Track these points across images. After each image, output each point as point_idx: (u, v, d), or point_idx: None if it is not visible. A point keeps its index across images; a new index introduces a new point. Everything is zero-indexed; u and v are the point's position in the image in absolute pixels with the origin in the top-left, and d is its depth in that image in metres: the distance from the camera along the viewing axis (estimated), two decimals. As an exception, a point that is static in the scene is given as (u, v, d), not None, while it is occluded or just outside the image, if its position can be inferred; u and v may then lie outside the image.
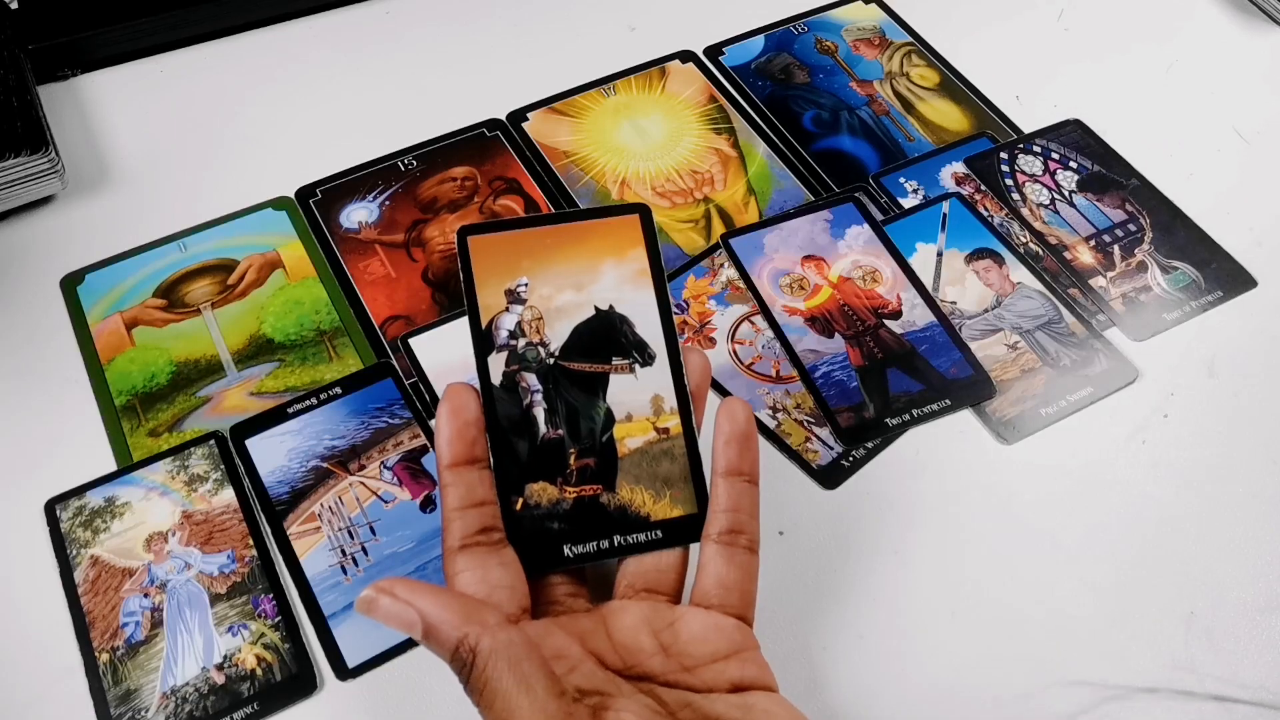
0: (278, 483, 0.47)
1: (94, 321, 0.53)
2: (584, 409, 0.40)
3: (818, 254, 0.55)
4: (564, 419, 0.39)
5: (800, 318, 0.53)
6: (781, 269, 0.55)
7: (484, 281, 0.40)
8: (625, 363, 0.40)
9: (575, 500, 0.38)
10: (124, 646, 0.42)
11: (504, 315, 0.40)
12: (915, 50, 0.67)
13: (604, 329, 0.40)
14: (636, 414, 0.40)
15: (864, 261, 0.55)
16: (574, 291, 0.40)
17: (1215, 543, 0.46)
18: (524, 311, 0.40)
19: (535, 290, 0.40)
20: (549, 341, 0.40)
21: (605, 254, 0.41)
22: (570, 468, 0.39)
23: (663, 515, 0.38)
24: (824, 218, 0.57)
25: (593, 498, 0.38)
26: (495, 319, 0.40)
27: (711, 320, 0.53)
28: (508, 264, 0.40)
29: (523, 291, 0.40)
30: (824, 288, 0.54)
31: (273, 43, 0.67)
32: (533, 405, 0.39)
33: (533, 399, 0.40)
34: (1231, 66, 0.67)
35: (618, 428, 0.39)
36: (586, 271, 0.41)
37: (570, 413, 0.39)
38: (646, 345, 0.40)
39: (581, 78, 0.65)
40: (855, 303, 0.53)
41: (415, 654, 0.43)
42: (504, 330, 0.40)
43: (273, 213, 0.58)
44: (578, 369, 0.40)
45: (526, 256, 0.41)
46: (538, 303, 0.40)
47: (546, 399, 0.39)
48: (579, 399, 0.40)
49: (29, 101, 0.57)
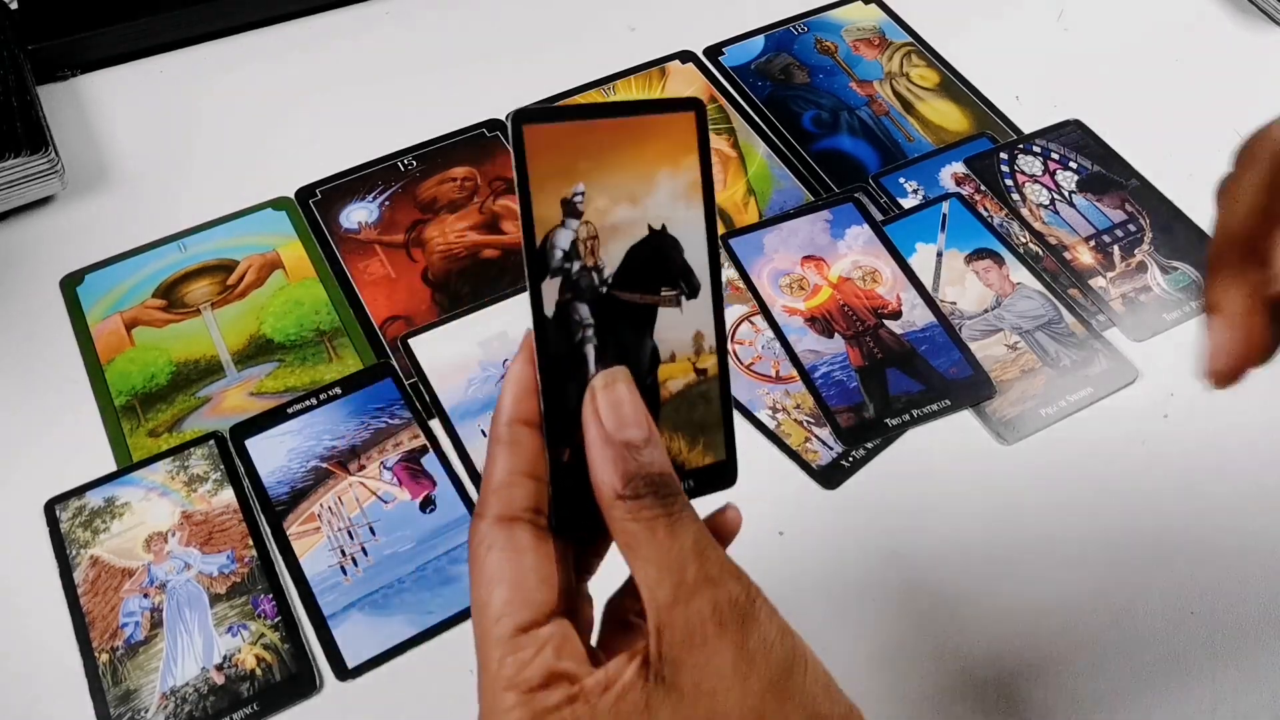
0: (277, 483, 0.47)
1: (94, 322, 0.53)
2: (633, 347, 0.35)
3: (818, 254, 0.55)
4: (614, 359, 0.34)
5: (800, 318, 0.53)
6: (781, 269, 0.55)
7: (540, 186, 0.34)
8: (673, 294, 0.36)
9: None
10: (124, 647, 0.42)
11: (559, 231, 0.34)
12: (915, 50, 0.67)
13: (657, 254, 0.35)
14: (680, 353, 0.36)
15: (864, 262, 0.55)
16: (629, 205, 0.35)
17: (1215, 543, 0.46)
18: (580, 228, 0.34)
19: (591, 201, 0.34)
20: (603, 266, 0.35)
21: (660, 161, 0.36)
22: None
23: (695, 464, 0.35)
24: (824, 218, 0.57)
25: None
26: (550, 235, 0.34)
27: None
28: (565, 165, 0.34)
29: (579, 203, 0.34)
30: (824, 288, 0.54)
31: (273, 43, 0.67)
32: (585, 342, 0.35)
33: (584, 334, 0.35)
34: (1231, 66, 0.67)
35: (661, 369, 0.35)
36: (642, 180, 0.35)
37: (620, 352, 0.35)
38: (693, 273, 0.36)
39: (581, 78, 0.65)
40: (855, 303, 0.53)
41: (415, 654, 0.43)
42: (559, 250, 0.34)
43: (272, 213, 0.58)
44: (628, 299, 0.35)
45: (583, 157, 0.35)
46: (593, 217, 0.34)
47: (598, 335, 0.35)
48: (629, 336, 0.35)
49: (29, 101, 0.57)
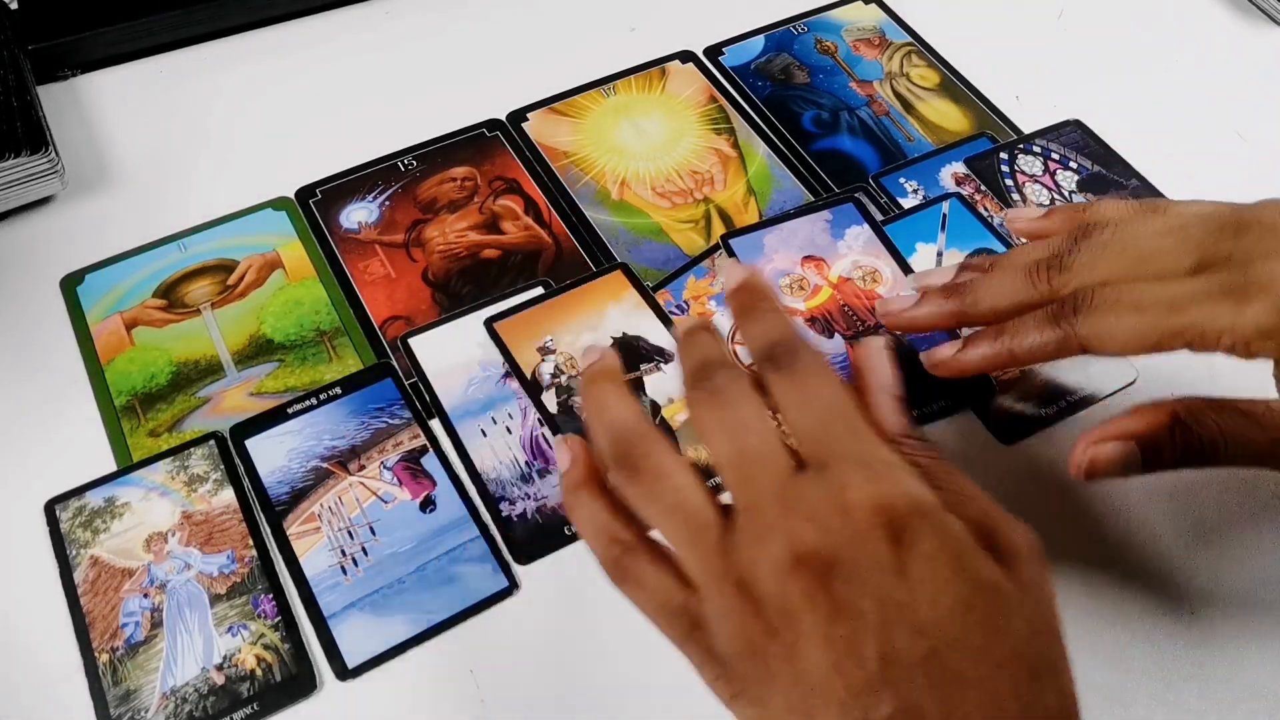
0: (277, 483, 0.47)
1: (94, 322, 0.53)
2: None
3: (817, 254, 0.55)
4: None
5: (800, 318, 0.53)
6: (781, 269, 0.55)
7: (517, 347, 0.51)
8: (652, 365, 0.50)
9: None
10: (124, 647, 0.42)
11: (542, 364, 0.50)
12: (915, 50, 0.67)
13: (626, 349, 0.51)
14: (676, 397, 0.49)
15: (864, 262, 0.55)
16: (590, 332, 0.51)
17: (1214, 544, 0.46)
18: (557, 358, 0.50)
19: (560, 340, 0.51)
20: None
21: (606, 301, 0.53)
22: None
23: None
24: (824, 218, 0.56)
25: None
26: (536, 369, 0.50)
27: (711, 321, 0.53)
28: (532, 331, 0.52)
29: (550, 344, 0.51)
30: (824, 288, 0.54)
31: (273, 43, 0.67)
32: None
33: None
34: (1231, 66, 0.67)
35: (665, 410, 0.49)
36: (595, 316, 0.52)
37: None
38: (664, 349, 0.51)
39: (581, 78, 0.65)
40: (855, 303, 0.53)
41: (415, 654, 0.43)
42: (546, 374, 0.50)
43: (272, 213, 0.58)
44: None
45: (544, 322, 0.52)
46: (565, 348, 0.50)
47: None
48: None
49: (29, 101, 0.57)
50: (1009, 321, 0.40)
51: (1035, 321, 0.39)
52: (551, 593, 0.44)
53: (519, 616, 0.44)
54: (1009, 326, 0.40)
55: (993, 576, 0.30)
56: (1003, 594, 0.30)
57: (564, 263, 0.56)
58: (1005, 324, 0.40)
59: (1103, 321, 0.37)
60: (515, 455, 0.48)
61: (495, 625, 0.44)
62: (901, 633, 0.28)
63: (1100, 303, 0.38)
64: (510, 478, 0.47)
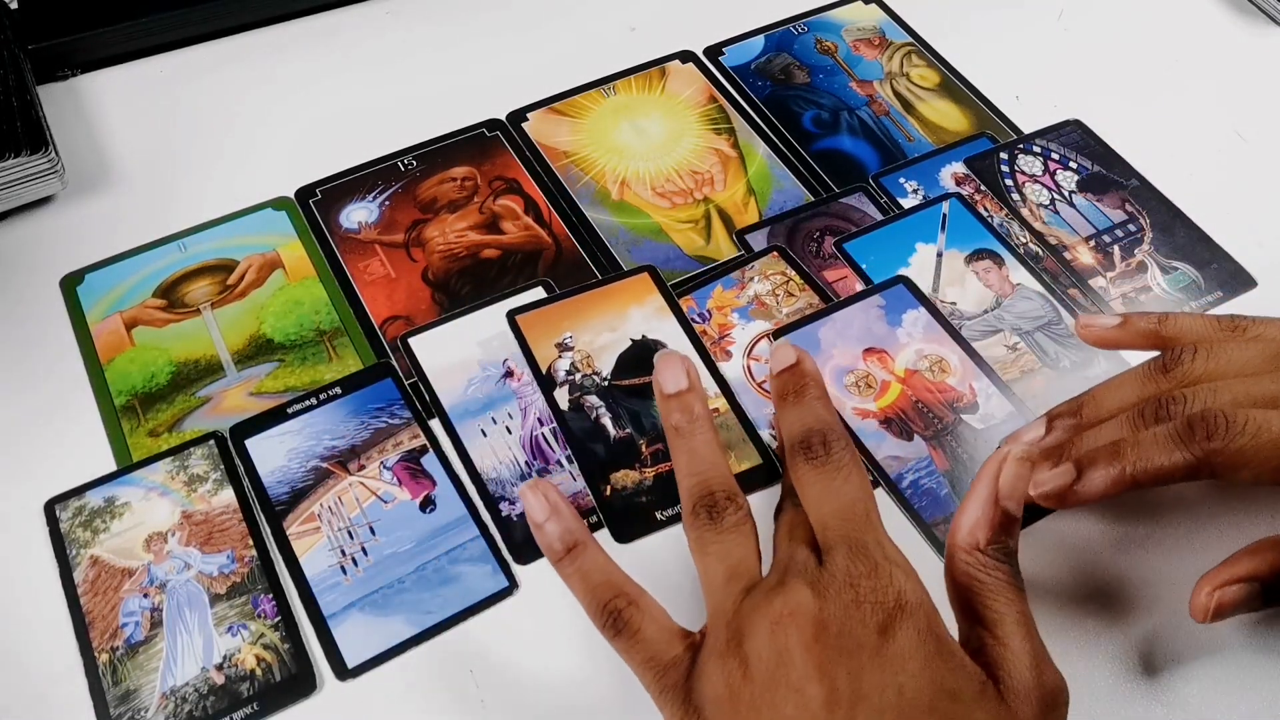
0: (277, 483, 0.47)
1: (94, 321, 0.53)
2: (643, 411, 0.49)
3: (878, 345, 0.51)
4: (628, 421, 0.48)
5: (874, 420, 0.49)
6: (844, 365, 0.51)
7: (536, 341, 0.51)
8: None
9: (655, 477, 0.47)
10: (123, 647, 0.42)
11: (559, 360, 0.50)
12: (915, 50, 0.67)
13: (643, 351, 0.51)
14: None
15: (928, 350, 0.51)
16: (610, 332, 0.51)
17: (1214, 545, 0.46)
18: (574, 355, 0.50)
19: (579, 338, 0.51)
20: (600, 370, 0.50)
21: (629, 302, 0.53)
22: (644, 454, 0.47)
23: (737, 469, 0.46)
24: (876, 304, 0.53)
25: (670, 471, 0.46)
26: (552, 365, 0.50)
27: (731, 334, 0.52)
28: (552, 326, 0.52)
29: (569, 341, 0.51)
30: (892, 383, 0.50)
31: (273, 43, 0.67)
32: (600, 417, 0.48)
33: (598, 412, 0.49)
34: (1231, 66, 0.67)
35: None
36: (616, 317, 0.52)
37: (632, 416, 0.49)
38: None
39: (581, 78, 0.65)
40: (928, 398, 0.50)
41: (415, 654, 0.43)
42: (561, 371, 0.50)
43: (272, 213, 0.58)
44: (629, 384, 0.50)
45: (566, 319, 0.52)
46: (583, 347, 0.51)
47: (610, 410, 0.49)
48: (637, 405, 0.49)
49: (29, 101, 0.57)
50: (1124, 440, 0.39)
51: (1158, 441, 0.38)
52: (551, 593, 0.44)
53: (519, 616, 0.44)
54: (1126, 448, 0.39)
55: (957, 685, 0.32)
56: (962, 704, 0.32)
57: (564, 263, 0.56)
58: (1121, 443, 0.39)
59: (1248, 445, 0.37)
60: (515, 455, 0.48)
61: (495, 625, 0.44)
62: (866, 710, 0.32)
63: (1242, 427, 0.37)
64: (510, 478, 0.47)
